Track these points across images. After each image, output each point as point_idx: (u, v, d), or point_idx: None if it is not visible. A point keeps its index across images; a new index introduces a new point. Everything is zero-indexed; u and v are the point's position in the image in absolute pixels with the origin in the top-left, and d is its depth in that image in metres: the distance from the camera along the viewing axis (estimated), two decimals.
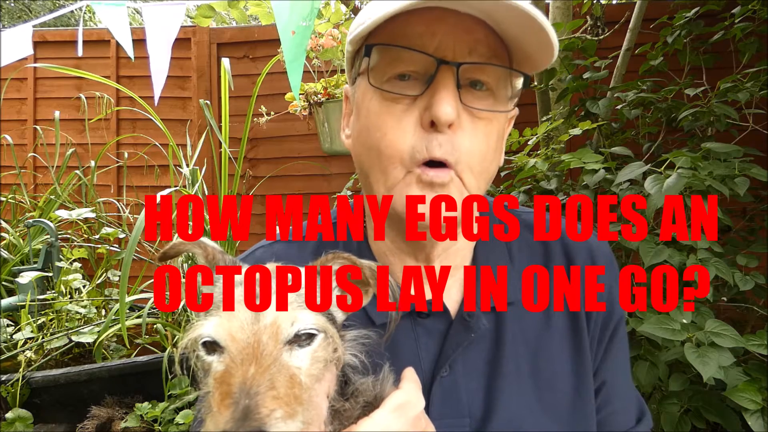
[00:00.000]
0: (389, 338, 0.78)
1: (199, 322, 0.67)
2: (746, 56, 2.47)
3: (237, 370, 0.59)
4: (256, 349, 0.61)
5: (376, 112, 0.84)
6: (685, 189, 1.75)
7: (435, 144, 0.79)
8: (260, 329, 0.63)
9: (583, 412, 0.92)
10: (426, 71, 0.80)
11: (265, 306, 0.65)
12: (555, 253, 0.99)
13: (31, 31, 2.21)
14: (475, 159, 0.82)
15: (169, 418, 2.33)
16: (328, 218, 1.07)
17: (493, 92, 0.84)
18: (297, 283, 0.71)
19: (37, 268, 2.96)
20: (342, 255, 0.75)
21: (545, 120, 2.47)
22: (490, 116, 0.84)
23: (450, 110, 0.77)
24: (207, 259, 0.78)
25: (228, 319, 0.64)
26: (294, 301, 0.68)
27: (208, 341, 0.65)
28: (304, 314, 0.66)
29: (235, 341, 0.62)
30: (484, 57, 0.80)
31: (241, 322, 0.64)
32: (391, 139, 0.82)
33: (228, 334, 0.63)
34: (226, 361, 0.62)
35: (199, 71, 4.28)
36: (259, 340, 0.62)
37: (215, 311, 0.67)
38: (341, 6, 2.81)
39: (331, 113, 2.81)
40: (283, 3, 1.68)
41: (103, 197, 3.92)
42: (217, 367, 0.63)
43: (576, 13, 3.01)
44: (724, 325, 1.59)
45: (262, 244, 1.06)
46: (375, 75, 0.84)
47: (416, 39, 0.79)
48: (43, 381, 2.39)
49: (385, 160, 0.83)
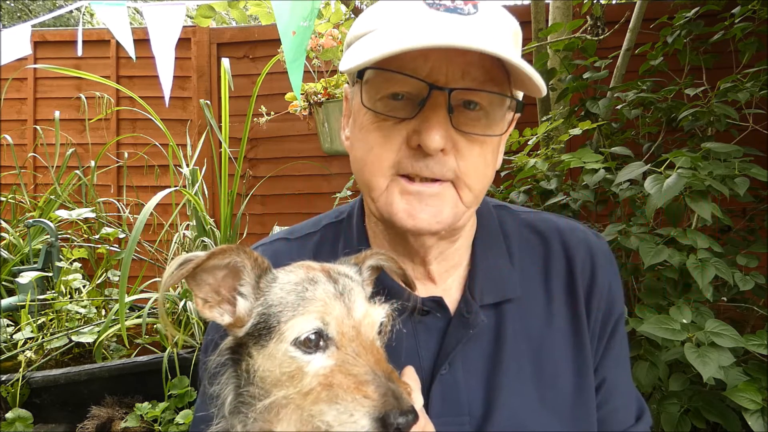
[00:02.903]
0: (402, 343, 0.82)
1: (284, 324, 0.67)
2: (746, 56, 2.47)
3: (358, 360, 0.64)
4: (362, 341, 0.66)
5: (367, 128, 0.86)
6: (685, 189, 1.74)
7: (422, 165, 0.82)
8: (356, 323, 0.68)
9: (583, 409, 0.92)
10: (418, 93, 0.81)
11: (351, 300, 0.70)
12: (554, 251, 0.99)
13: (31, 31, 2.21)
14: (471, 178, 0.85)
15: (169, 418, 2.33)
16: (328, 217, 1.07)
17: (487, 112, 0.84)
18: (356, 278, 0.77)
19: (37, 268, 2.96)
20: (380, 252, 0.81)
21: (545, 120, 2.47)
22: (484, 138, 0.85)
23: (438, 139, 0.79)
24: (255, 263, 0.73)
25: (329, 313, 0.67)
26: (366, 296, 0.74)
27: (309, 339, 0.66)
28: (379, 308, 0.73)
29: (342, 335, 0.66)
30: (477, 81, 0.81)
31: (341, 316, 0.68)
32: (377, 153, 0.84)
33: (337, 327, 0.66)
34: (338, 355, 0.65)
35: (199, 71, 4.28)
36: (360, 333, 0.67)
37: (301, 309, 0.68)
38: (341, 6, 2.82)
39: (331, 113, 2.81)
40: (284, 3, 1.68)
41: (103, 197, 3.92)
42: (322, 362, 0.65)
43: (576, 13, 3.01)
44: (724, 325, 1.59)
45: (262, 243, 1.07)
46: (369, 92, 0.85)
47: (409, 62, 0.79)
48: (43, 381, 2.39)
49: (368, 172, 0.86)
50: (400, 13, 0.81)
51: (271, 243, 1.05)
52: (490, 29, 0.80)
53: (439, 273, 0.96)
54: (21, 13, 14.52)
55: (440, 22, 0.78)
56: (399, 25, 0.79)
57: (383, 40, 0.76)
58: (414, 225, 0.84)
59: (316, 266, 0.75)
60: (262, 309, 0.71)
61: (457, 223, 0.87)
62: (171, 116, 4.19)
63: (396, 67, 0.79)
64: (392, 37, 0.76)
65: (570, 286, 0.97)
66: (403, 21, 0.79)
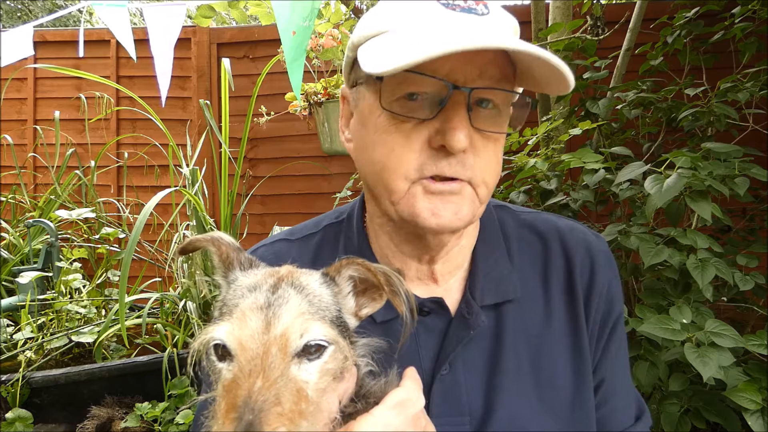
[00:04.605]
0: (403, 346, 0.78)
1: (212, 325, 0.66)
2: (746, 56, 2.47)
3: (244, 381, 0.59)
4: (265, 360, 0.60)
5: (384, 129, 0.85)
6: (685, 189, 1.75)
7: (444, 164, 0.81)
8: (270, 340, 0.62)
9: (583, 410, 0.92)
10: (438, 93, 0.81)
11: (276, 314, 0.64)
12: (553, 251, 0.99)
13: (32, 31, 2.21)
14: (487, 175, 0.86)
15: (169, 418, 2.33)
16: (329, 218, 1.08)
17: (500, 110, 0.85)
18: (311, 290, 0.70)
19: (37, 268, 2.96)
20: (356, 261, 0.74)
21: (545, 120, 2.47)
22: (498, 135, 0.87)
23: (463, 138, 0.79)
24: (221, 258, 0.76)
25: (239, 327, 0.63)
26: (306, 311, 0.66)
27: (219, 346, 0.64)
28: (315, 325, 0.65)
29: (244, 350, 0.61)
30: (494, 79, 0.82)
31: (252, 331, 0.62)
32: (399, 155, 0.83)
33: (238, 343, 0.62)
34: (235, 371, 0.61)
35: (199, 71, 4.28)
36: (268, 351, 0.61)
37: (227, 316, 0.66)
38: (341, 6, 2.82)
39: (331, 113, 2.81)
40: (284, 3, 1.68)
41: (103, 197, 3.91)
42: (225, 374, 0.63)
43: (576, 13, 3.01)
44: (724, 325, 1.59)
45: (263, 243, 1.07)
46: (384, 93, 0.84)
47: (428, 63, 0.77)
48: (43, 381, 2.38)
49: (388, 175, 0.84)
50: (416, 13, 0.81)
51: (272, 244, 1.05)
52: (503, 28, 0.82)
53: (442, 274, 0.96)
54: (21, 13, 14.51)
55: (461, 24, 0.78)
56: (419, 27, 0.79)
57: (410, 44, 0.76)
58: (438, 224, 0.84)
59: (279, 272, 0.72)
60: (221, 304, 0.72)
61: (473, 219, 0.88)
62: (171, 116, 4.19)
63: (417, 68, 0.78)
64: (419, 41, 0.75)
65: (569, 287, 0.97)
66: (423, 22, 0.79)
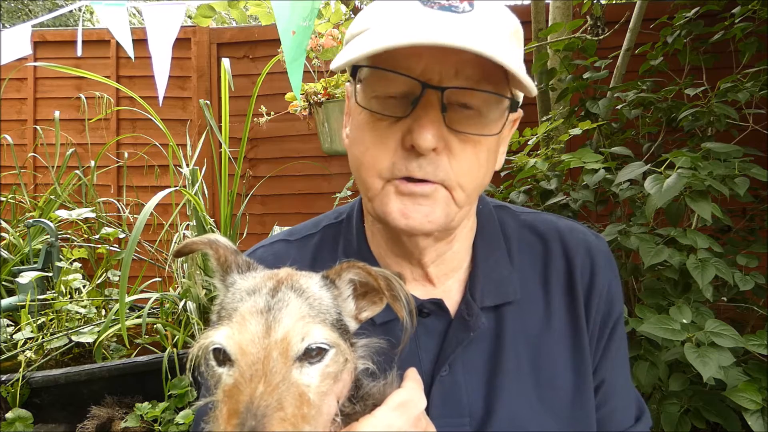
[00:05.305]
0: (403, 348, 0.78)
1: (211, 329, 0.65)
2: (746, 56, 2.47)
3: (246, 386, 0.58)
4: (266, 365, 0.60)
5: (363, 127, 0.86)
6: (685, 189, 1.75)
7: (415, 166, 0.81)
8: (271, 344, 0.61)
9: (583, 410, 0.92)
10: (411, 92, 0.80)
11: (276, 318, 0.63)
12: (554, 252, 0.99)
13: (31, 30, 2.22)
14: (464, 178, 0.84)
15: (169, 418, 2.33)
16: (328, 218, 1.07)
17: (481, 111, 0.83)
18: (311, 293, 0.69)
19: (37, 268, 2.96)
20: (357, 264, 0.73)
21: (545, 120, 2.47)
22: (478, 137, 0.84)
23: (430, 138, 0.78)
24: (218, 261, 0.76)
25: (239, 331, 0.62)
26: (306, 314, 0.66)
27: (218, 350, 0.63)
28: (316, 329, 0.64)
29: (245, 355, 0.61)
30: (471, 80, 0.79)
31: (252, 335, 0.62)
32: (373, 154, 0.84)
33: (238, 347, 0.61)
34: (236, 376, 0.60)
35: (199, 71, 4.28)
36: (269, 356, 0.60)
37: (226, 320, 0.65)
38: (341, 6, 2.82)
39: (331, 113, 2.81)
40: (284, 3, 1.68)
41: (103, 197, 3.91)
42: (226, 379, 0.62)
43: (576, 13, 3.01)
44: (724, 325, 1.59)
45: (262, 244, 1.07)
46: (364, 90, 0.85)
47: (403, 61, 0.78)
48: (43, 381, 2.38)
49: (364, 172, 0.86)
50: (394, 11, 0.80)
51: (271, 245, 1.05)
52: (484, 28, 0.78)
53: (437, 276, 0.96)
54: (20, 12, 14.51)
55: (432, 20, 0.77)
56: (392, 23, 0.79)
57: (374, 38, 0.76)
58: (407, 224, 0.83)
59: (278, 275, 0.71)
60: (219, 308, 0.72)
61: (450, 223, 0.86)
62: (171, 116, 4.19)
63: (390, 65, 0.79)
64: (383, 35, 0.75)
65: (569, 287, 0.97)
66: (397, 19, 0.79)
